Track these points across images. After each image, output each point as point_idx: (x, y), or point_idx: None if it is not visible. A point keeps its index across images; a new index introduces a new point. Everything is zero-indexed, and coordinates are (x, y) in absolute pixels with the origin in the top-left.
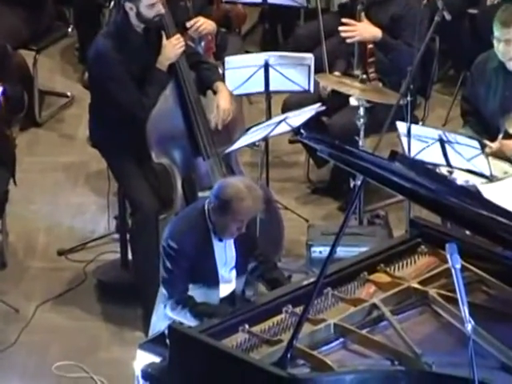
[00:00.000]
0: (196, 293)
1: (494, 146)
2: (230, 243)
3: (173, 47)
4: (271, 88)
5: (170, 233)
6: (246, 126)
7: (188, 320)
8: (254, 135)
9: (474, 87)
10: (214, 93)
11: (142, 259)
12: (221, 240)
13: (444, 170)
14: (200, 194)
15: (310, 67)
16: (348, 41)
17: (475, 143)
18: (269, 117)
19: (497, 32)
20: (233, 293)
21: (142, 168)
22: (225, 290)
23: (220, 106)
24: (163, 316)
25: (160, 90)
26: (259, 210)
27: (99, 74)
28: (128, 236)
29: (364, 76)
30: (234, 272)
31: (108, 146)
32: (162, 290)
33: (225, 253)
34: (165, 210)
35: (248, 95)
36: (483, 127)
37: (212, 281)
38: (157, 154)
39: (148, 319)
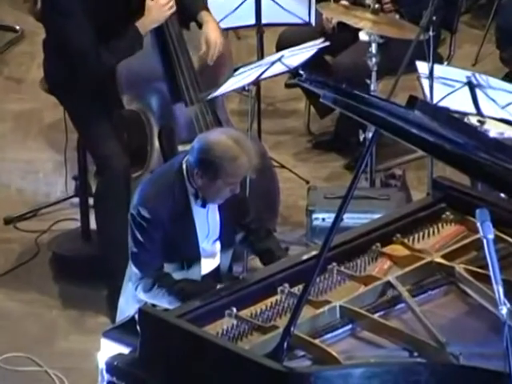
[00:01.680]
0: (171, 271)
1: None
2: (213, 209)
3: (159, 9)
4: (263, 20)
5: (140, 198)
6: (234, 66)
7: (166, 302)
8: (243, 78)
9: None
10: (199, 26)
11: (108, 228)
12: (203, 205)
13: (474, 120)
14: (180, 148)
15: None
16: None
17: (509, 86)
18: (261, 55)
19: None
20: (217, 269)
21: (109, 116)
22: (207, 265)
23: (210, 38)
24: (133, 298)
25: (129, 51)
26: (255, 165)
27: (51, 6)
28: (91, 200)
29: (377, 6)
30: (218, 244)
31: (67, 91)
32: (132, 268)
33: (207, 221)
34: (138, 167)
35: (236, 29)
36: None
37: (192, 256)
38: (129, 99)
39: (114, 301)
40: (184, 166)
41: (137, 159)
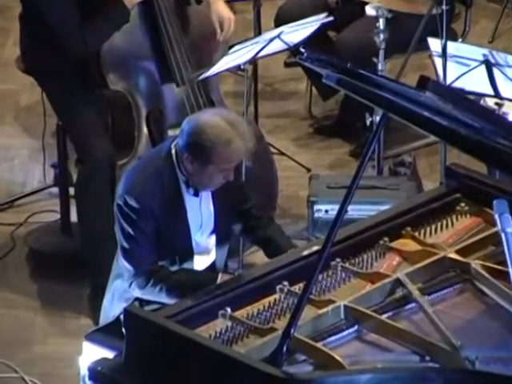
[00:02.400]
0: None
1: None
2: (207, 198)
3: None
4: None
5: (126, 187)
6: (229, 43)
7: (164, 298)
8: (239, 56)
9: None
10: (197, 1)
11: (90, 221)
12: (196, 194)
13: (491, 102)
14: (170, 133)
15: None
16: None
17: None
18: (258, 31)
19: None
20: (212, 266)
21: (92, 98)
22: (201, 262)
23: (224, 16)
24: (119, 297)
25: (115, 28)
26: (250, 149)
27: None
28: (71, 190)
29: None
30: (213, 238)
31: (45, 70)
32: (123, 264)
33: (200, 211)
34: (124, 153)
35: (231, 2)
36: None
37: (184, 250)
38: (113, 79)
39: (98, 301)
40: (173, 151)
41: (123, 145)
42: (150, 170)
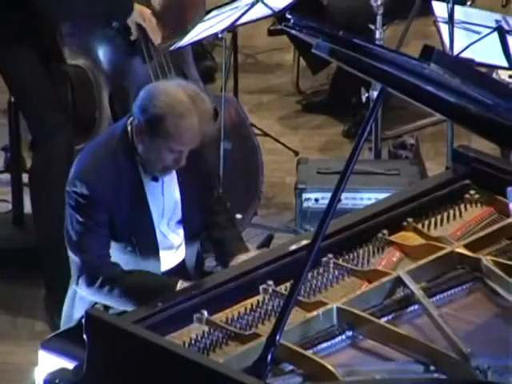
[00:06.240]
0: (123, 264)
1: None
2: (170, 184)
3: None
4: None
5: (77, 172)
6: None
7: (115, 302)
8: (216, 23)
9: None
10: None
11: (46, 213)
12: (156, 179)
13: (505, 75)
14: None
15: None
16: None
17: None
18: None
19: None
20: (183, 264)
21: (48, 73)
22: (168, 259)
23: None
24: (80, 299)
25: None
26: (207, 136)
27: None
28: (25, 177)
29: None
30: (181, 230)
31: None
32: (71, 256)
33: (163, 197)
34: (83, 137)
35: None
36: None
37: (147, 244)
38: (72, 52)
39: (55, 303)
40: (129, 129)
41: (82, 128)
42: (104, 152)
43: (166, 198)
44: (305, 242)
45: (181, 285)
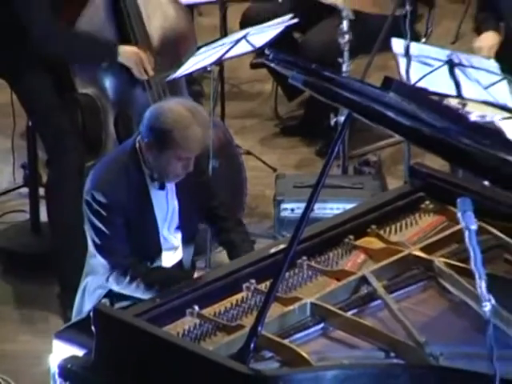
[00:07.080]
0: None
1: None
2: (172, 191)
3: (136, 58)
4: None
5: (93, 183)
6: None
7: (142, 294)
8: (205, 57)
9: None
10: None
11: (60, 221)
12: (162, 187)
13: (454, 102)
14: None
15: None
16: None
17: (493, 65)
18: (224, 33)
19: None
20: (180, 265)
21: (61, 102)
22: (168, 259)
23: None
24: (91, 293)
25: (89, 58)
26: (208, 141)
27: None
28: (41, 191)
29: None
30: (179, 235)
31: (15, 68)
32: (98, 260)
33: (167, 205)
34: (93, 155)
35: (197, 5)
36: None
37: (153, 246)
38: (82, 82)
39: (68, 300)
40: (137, 146)
41: (91, 148)
42: (117, 166)
43: (169, 205)
44: (282, 246)
45: (197, 273)
